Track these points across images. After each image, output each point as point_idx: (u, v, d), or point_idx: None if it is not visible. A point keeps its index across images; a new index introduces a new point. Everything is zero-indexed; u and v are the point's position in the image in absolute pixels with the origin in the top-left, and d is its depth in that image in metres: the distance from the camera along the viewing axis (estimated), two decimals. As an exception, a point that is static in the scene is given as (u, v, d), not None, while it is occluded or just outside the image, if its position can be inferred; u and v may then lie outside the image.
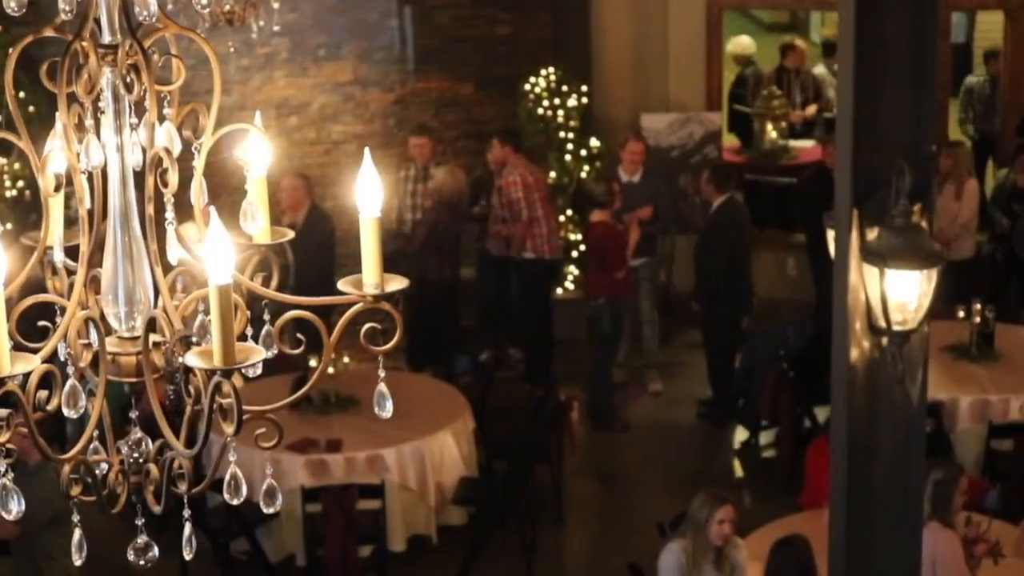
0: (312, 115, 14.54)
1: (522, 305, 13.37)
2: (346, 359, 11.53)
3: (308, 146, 14.54)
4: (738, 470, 12.13)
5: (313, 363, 10.94)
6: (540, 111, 14.19)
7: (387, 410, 3.04)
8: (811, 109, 16.15)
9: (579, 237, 13.73)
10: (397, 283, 2.94)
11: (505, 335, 14.00)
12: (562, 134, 14.20)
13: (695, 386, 13.12)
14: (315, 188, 13.12)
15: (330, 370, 10.89)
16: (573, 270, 13.94)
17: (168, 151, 2.80)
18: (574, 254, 13.85)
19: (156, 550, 2.90)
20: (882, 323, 5.45)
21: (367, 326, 3.01)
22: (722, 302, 12.60)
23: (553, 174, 13.90)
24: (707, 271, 12.67)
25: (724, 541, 8.16)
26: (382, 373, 3.01)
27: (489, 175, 13.67)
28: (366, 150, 2.93)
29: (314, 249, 12.02)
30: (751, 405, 12.14)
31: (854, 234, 5.50)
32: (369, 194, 2.98)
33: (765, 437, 12.31)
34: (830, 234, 5.92)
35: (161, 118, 2.87)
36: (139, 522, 2.86)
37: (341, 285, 2.94)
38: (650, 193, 13.17)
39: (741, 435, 12.45)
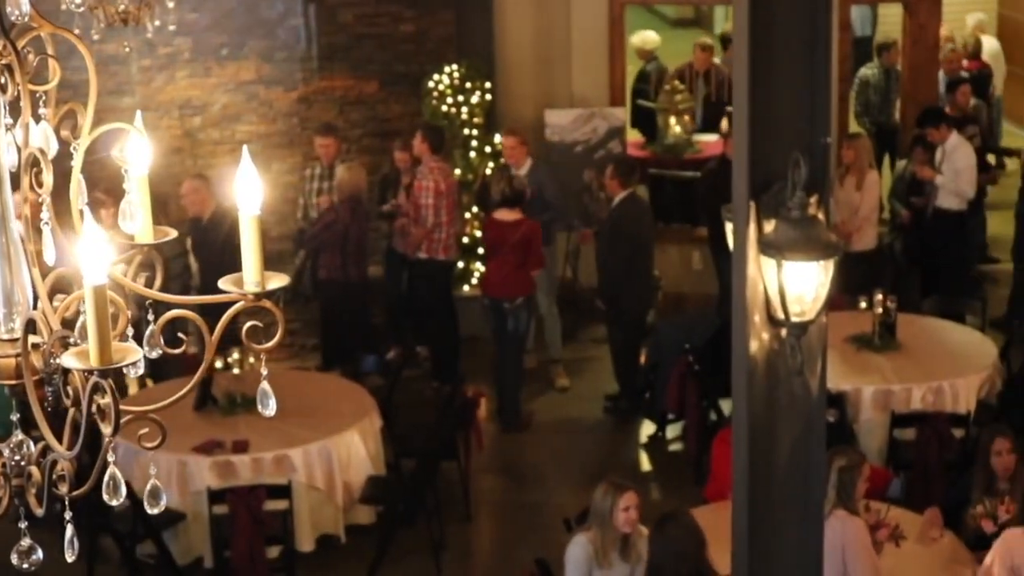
0: (215, 115, 14.46)
1: (422, 305, 13.34)
2: (251, 359, 11.46)
3: (212, 146, 14.47)
4: (645, 464, 12.17)
5: (219, 364, 10.91)
6: (444, 108, 14.18)
7: (270, 408, 3.02)
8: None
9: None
10: (278, 280, 2.92)
11: (412, 333, 13.98)
12: (466, 131, 14.19)
13: (601, 381, 13.15)
14: (220, 189, 13.03)
15: (235, 371, 10.84)
16: (480, 268, 13.92)
17: (43, 152, 2.76)
18: (480, 251, 13.84)
19: (40, 553, 2.86)
20: (780, 314, 5.48)
21: (248, 324, 2.99)
22: (626, 297, 12.63)
23: (458, 171, 13.89)
24: (610, 266, 12.69)
25: (631, 528, 8.20)
26: (264, 371, 2.99)
27: (396, 172, 13.65)
28: (244, 148, 2.91)
29: (220, 250, 11.95)
30: (657, 399, 12.20)
31: (752, 227, 5.53)
32: (247, 192, 2.95)
33: (672, 430, 12.38)
34: (728, 227, 5.95)
35: (37, 118, 2.84)
36: (22, 525, 2.82)
37: (222, 284, 2.93)
38: (536, 185, 13.16)
39: (648, 429, 12.50)
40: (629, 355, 12.82)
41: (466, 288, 13.96)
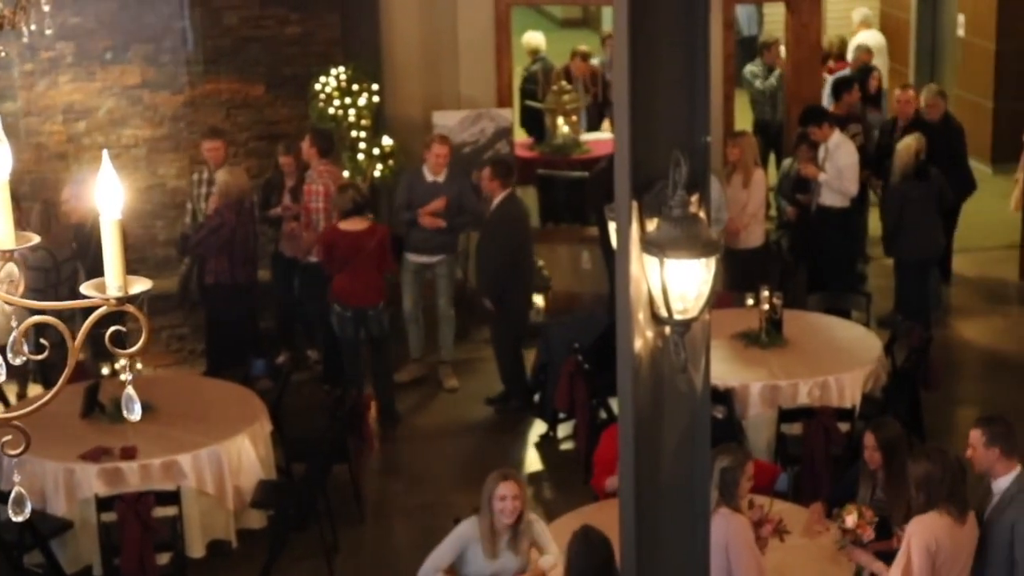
0: (100, 120, 14.33)
1: (312, 308, 13.31)
2: (139, 365, 11.37)
3: (98, 151, 14.25)
4: (536, 463, 12.21)
5: (106, 371, 10.82)
6: (331, 111, 14.15)
7: (135, 413, 3.00)
8: None
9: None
10: (141, 284, 2.91)
11: (302, 337, 13.95)
12: (354, 133, 14.17)
13: (491, 382, 13.19)
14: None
15: (123, 376, 10.72)
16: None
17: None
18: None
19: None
20: (664, 312, 5.52)
21: (111, 329, 2.98)
22: (508, 297, 12.66)
23: (347, 173, 13.86)
24: (491, 267, 12.69)
25: (508, 518, 8.24)
26: (128, 376, 2.98)
27: (281, 176, 13.61)
28: (104, 152, 2.89)
29: (102, 255, 11.83)
30: (548, 398, 12.25)
31: (634, 226, 5.57)
32: (108, 197, 2.94)
33: (563, 429, 12.44)
34: (611, 226, 5.99)
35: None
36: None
37: (84, 288, 2.91)
38: (455, 192, 13.20)
39: (539, 428, 12.55)
40: (513, 355, 12.85)
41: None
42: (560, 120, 16.34)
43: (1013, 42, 17.64)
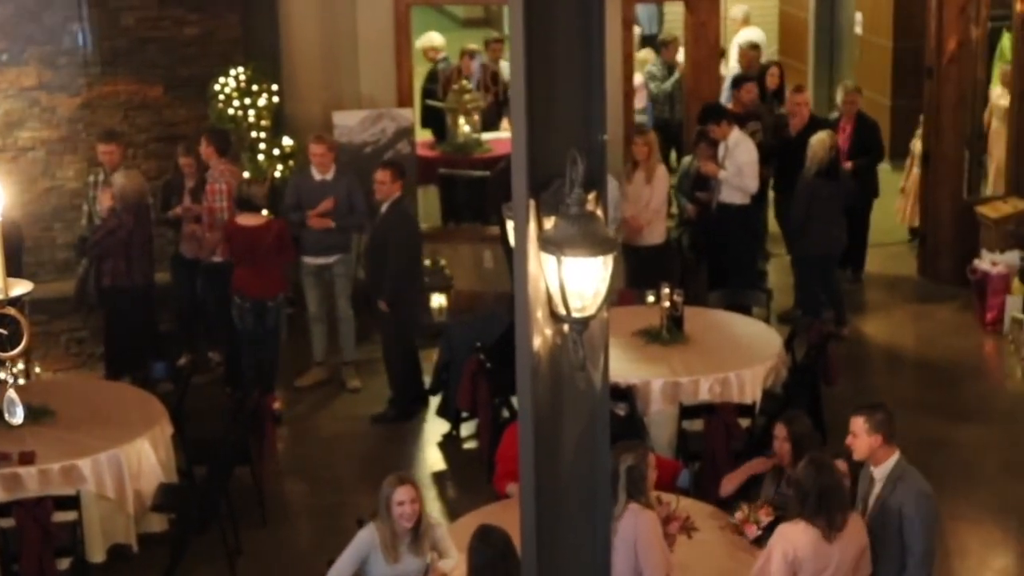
0: (-3, 122, 14.19)
1: (215, 308, 13.23)
2: (38, 369, 11.27)
3: (-7, 154, 14.18)
4: (440, 463, 12.20)
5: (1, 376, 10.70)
6: (231, 111, 14.07)
7: (18, 416, 2.98)
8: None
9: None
10: (21, 287, 2.88)
11: (204, 338, 13.86)
12: (254, 134, 14.10)
13: (394, 382, 13.18)
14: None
15: (21, 381, 10.61)
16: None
17: None
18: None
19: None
20: (562, 310, 5.53)
21: (-6, 332, 2.95)
22: (398, 304, 12.63)
23: (247, 174, 13.79)
24: (386, 270, 12.67)
25: (407, 522, 8.25)
26: (9, 380, 2.95)
27: (180, 177, 13.52)
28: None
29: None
30: (450, 398, 12.25)
31: (532, 224, 5.57)
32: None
33: (466, 429, 12.44)
34: (509, 225, 5.99)
35: None
36: None
37: (-36, 292, 2.87)
38: (343, 191, 13.18)
39: (442, 428, 12.54)
40: (402, 361, 12.83)
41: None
42: (461, 119, 16.34)
43: (909, 40, 17.82)
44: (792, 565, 7.60)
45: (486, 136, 16.54)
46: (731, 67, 17.97)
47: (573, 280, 5.44)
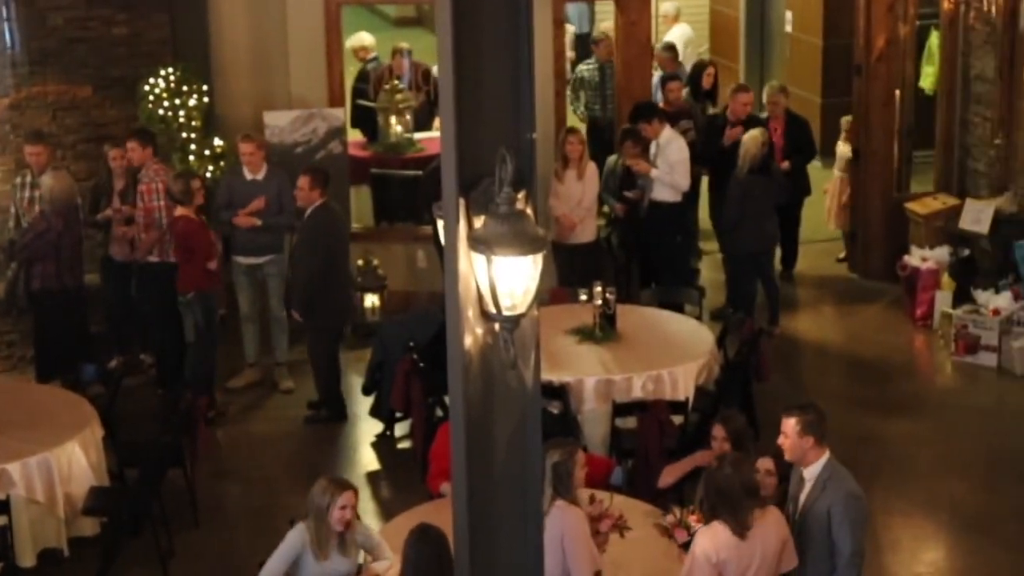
0: (-77, 124, 14.06)
1: (150, 309, 13.15)
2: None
3: (-80, 156, 14.05)
4: (374, 463, 12.18)
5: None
6: (161, 112, 13.99)
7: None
8: None
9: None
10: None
11: (136, 340, 13.78)
12: (185, 134, 14.02)
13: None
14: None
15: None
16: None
17: None
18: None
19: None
20: (492, 309, 5.53)
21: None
22: (321, 308, 12.59)
23: (175, 173, 13.71)
24: (303, 277, 12.63)
25: (343, 526, 8.26)
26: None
27: (110, 178, 13.42)
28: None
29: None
30: (384, 398, 12.22)
31: (462, 223, 5.57)
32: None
33: (400, 428, 12.43)
34: (439, 224, 5.99)
35: None
36: None
37: None
38: (274, 190, 13.14)
39: (375, 428, 12.51)
40: (328, 365, 12.80)
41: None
42: (393, 119, 16.30)
43: (839, 38, 17.92)
44: (716, 567, 7.62)
45: (418, 136, 16.51)
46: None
47: (503, 279, 5.44)
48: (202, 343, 12.68)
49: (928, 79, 17.44)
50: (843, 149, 16.10)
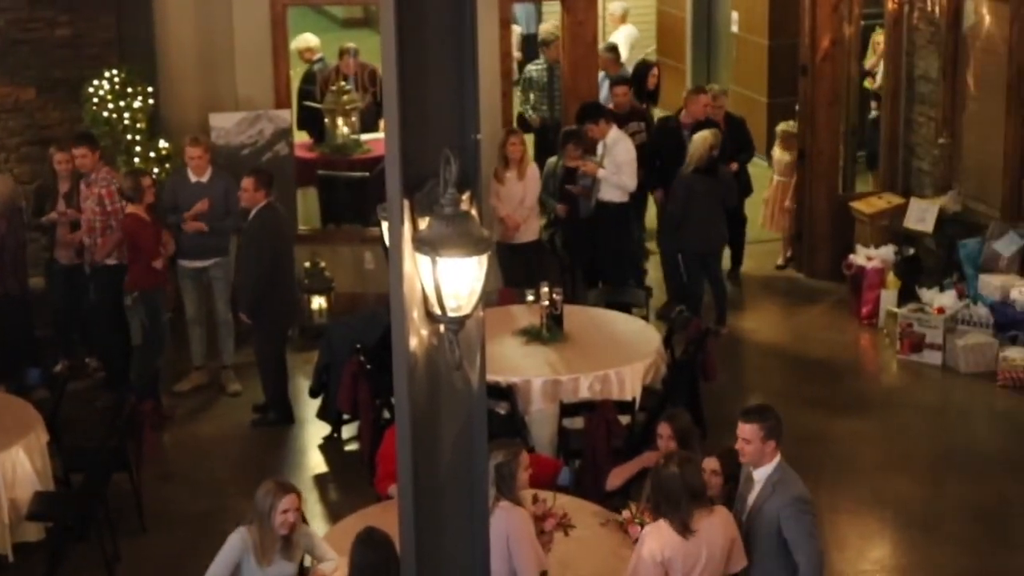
0: None
1: (102, 312, 13.08)
2: None
3: None
4: (321, 465, 12.15)
5: None
6: (106, 114, 13.92)
7: None
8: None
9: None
10: None
11: (81, 344, 13.70)
12: (129, 136, 13.95)
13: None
14: None
15: None
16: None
17: None
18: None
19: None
20: (438, 310, 5.52)
21: None
22: (266, 310, 12.56)
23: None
24: (248, 279, 12.58)
25: (287, 530, 8.23)
26: None
27: (54, 182, 13.34)
28: None
29: None
30: (331, 400, 12.19)
31: (406, 225, 5.56)
32: None
33: (347, 431, 12.40)
34: (384, 226, 5.98)
35: None
36: None
37: None
38: (220, 192, 13.10)
39: (323, 430, 12.48)
40: (274, 367, 12.77)
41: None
42: (340, 120, 16.27)
43: (785, 38, 17.99)
44: (663, 565, 7.63)
45: (365, 137, 16.47)
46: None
47: (448, 280, 5.44)
48: (148, 344, 12.62)
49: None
50: (779, 155, 16.18)
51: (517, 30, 19.55)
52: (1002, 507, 11.29)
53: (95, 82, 13.97)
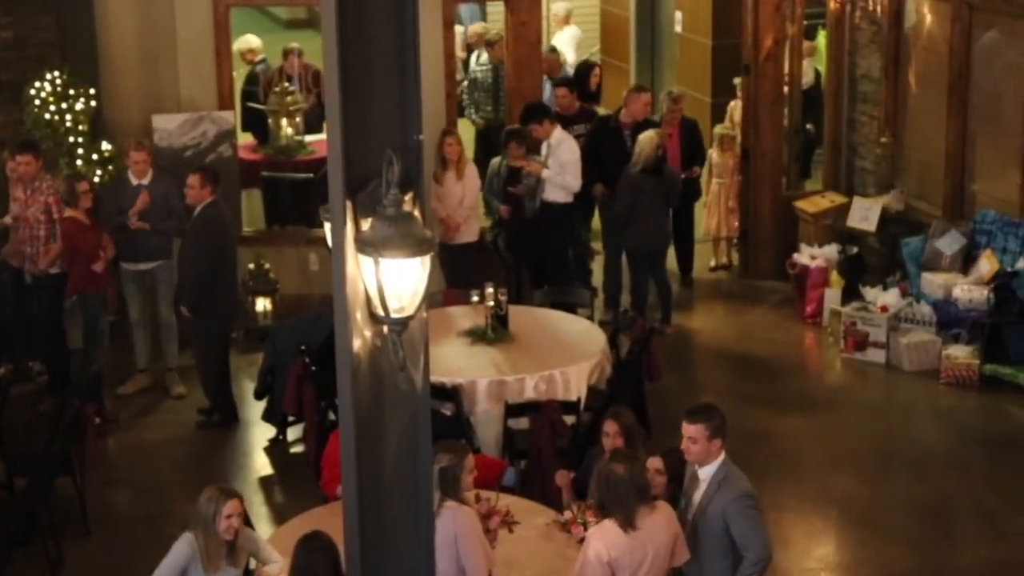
0: None
1: (42, 319, 13.00)
2: None
3: None
4: (267, 467, 12.11)
5: None
6: (48, 116, 13.83)
7: None
8: None
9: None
10: None
11: (25, 348, 13.61)
12: (72, 138, 13.87)
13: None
14: None
15: None
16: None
17: None
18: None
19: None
20: (381, 312, 5.52)
21: None
22: (207, 308, 12.52)
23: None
24: (192, 275, 12.55)
25: (231, 535, 8.20)
26: None
27: (5, 183, 13.26)
28: None
29: None
30: (276, 402, 12.16)
31: (349, 226, 5.56)
32: None
33: (292, 432, 12.37)
34: (327, 227, 5.97)
35: None
36: None
37: None
38: (161, 194, 13.05)
39: (268, 432, 12.45)
40: (216, 368, 12.73)
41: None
42: (283, 121, 16.23)
43: (728, 38, 18.05)
44: (609, 566, 7.63)
45: (309, 138, 16.44)
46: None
47: (391, 281, 5.44)
48: (87, 348, 12.55)
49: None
50: (717, 157, 16.22)
51: (460, 30, 19.54)
52: (945, 504, 11.37)
53: (37, 84, 13.89)
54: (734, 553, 7.86)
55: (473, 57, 17.98)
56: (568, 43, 19.12)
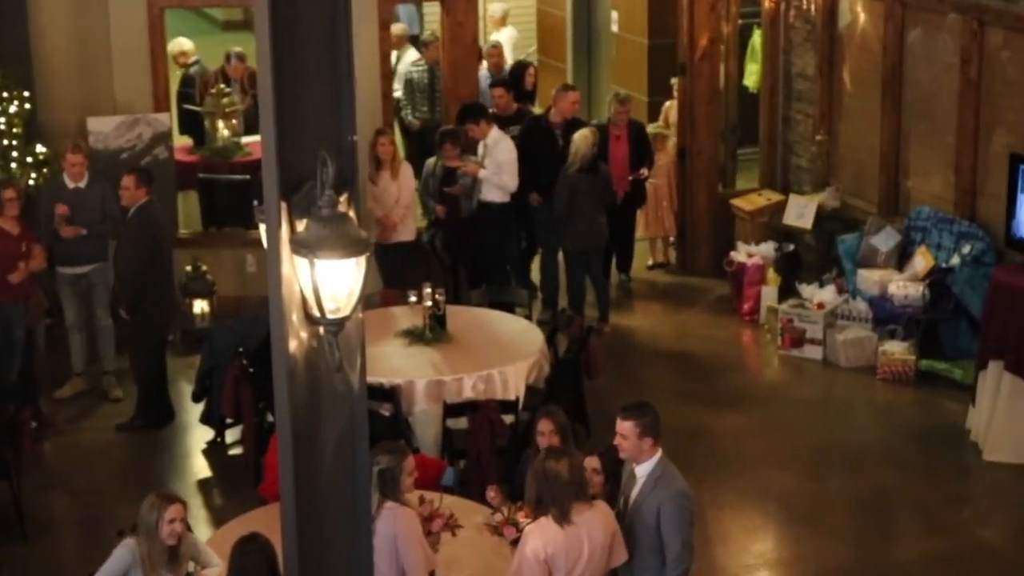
0: None
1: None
2: None
3: None
4: (205, 470, 12.07)
5: None
6: (-19, 119, 13.74)
7: None
8: None
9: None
10: None
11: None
12: (6, 141, 13.76)
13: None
14: None
15: None
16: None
17: None
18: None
19: None
20: (316, 313, 5.52)
21: None
22: (143, 309, 12.46)
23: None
24: (128, 275, 12.49)
25: (175, 540, 8.18)
26: None
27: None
28: None
29: None
30: (214, 404, 12.12)
31: (284, 227, 5.56)
32: None
33: (230, 435, 12.32)
34: (263, 228, 5.96)
35: None
36: None
37: None
38: (97, 197, 12.98)
39: (206, 434, 12.40)
40: (152, 369, 12.67)
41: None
42: (220, 123, 16.17)
43: (664, 37, 18.09)
44: (546, 563, 7.63)
45: (246, 139, 16.38)
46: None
47: (327, 282, 5.45)
48: (2, 357, 12.40)
49: (752, 77, 17.66)
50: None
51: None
52: (882, 499, 11.45)
53: (-31, 86, 13.79)
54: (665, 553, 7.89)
55: (399, 57, 17.89)
56: (505, 44, 19.11)
